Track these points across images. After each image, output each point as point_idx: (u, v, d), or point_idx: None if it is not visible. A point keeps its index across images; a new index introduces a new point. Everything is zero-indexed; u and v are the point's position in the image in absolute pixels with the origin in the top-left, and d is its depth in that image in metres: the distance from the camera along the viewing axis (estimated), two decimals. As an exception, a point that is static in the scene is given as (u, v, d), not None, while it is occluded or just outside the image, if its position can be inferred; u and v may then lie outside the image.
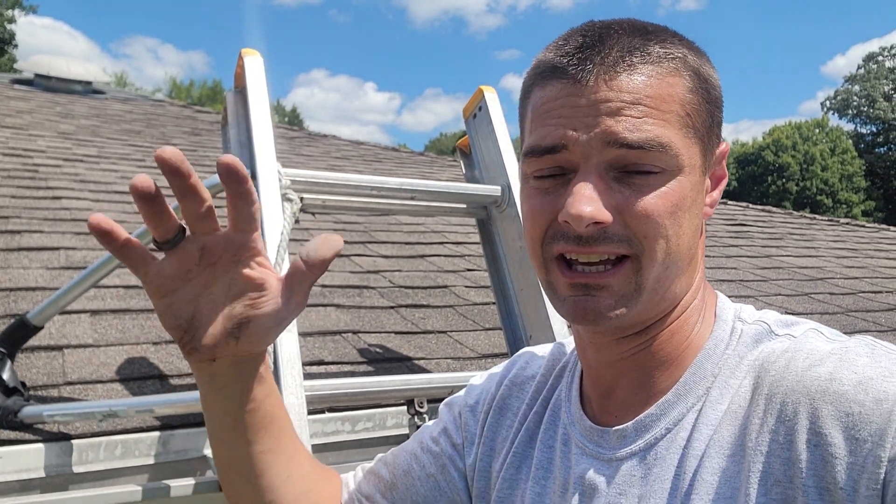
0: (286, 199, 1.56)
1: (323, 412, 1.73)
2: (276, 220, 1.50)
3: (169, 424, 1.62)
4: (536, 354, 0.95)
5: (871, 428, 0.58)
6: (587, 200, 0.67)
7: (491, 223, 1.91)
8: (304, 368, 1.45)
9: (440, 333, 2.34)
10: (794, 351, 0.68)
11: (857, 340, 0.67)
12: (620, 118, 0.67)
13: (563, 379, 0.88)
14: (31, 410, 1.52)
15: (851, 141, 37.47)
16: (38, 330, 1.70)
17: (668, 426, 0.72)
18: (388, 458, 0.97)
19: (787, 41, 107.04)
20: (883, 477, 0.57)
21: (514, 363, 0.95)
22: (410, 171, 5.58)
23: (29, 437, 1.51)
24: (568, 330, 1.63)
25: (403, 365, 2.07)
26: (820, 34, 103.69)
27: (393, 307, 2.51)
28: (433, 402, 1.59)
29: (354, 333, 2.22)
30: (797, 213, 6.59)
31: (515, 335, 1.81)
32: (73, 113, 5.95)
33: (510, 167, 1.86)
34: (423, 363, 2.10)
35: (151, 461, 1.58)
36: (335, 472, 0.98)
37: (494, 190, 1.85)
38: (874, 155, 38.49)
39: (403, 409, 1.68)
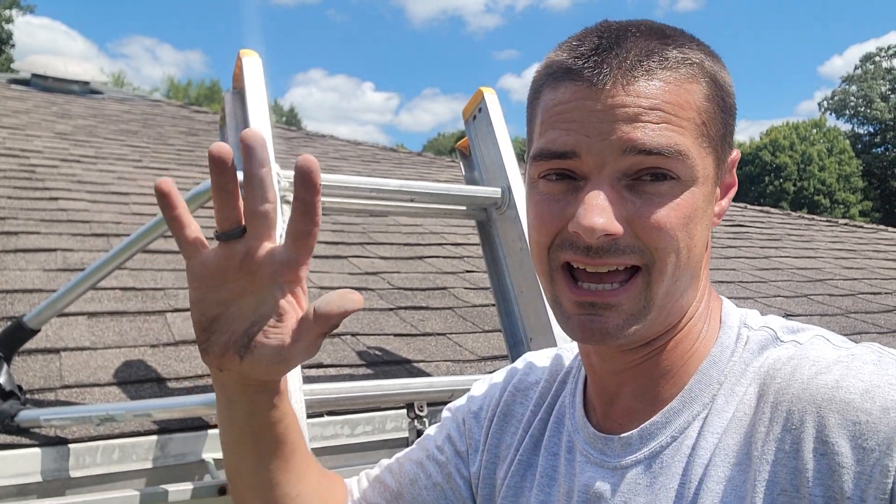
0: (285, 201, 1.55)
1: (322, 416, 1.72)
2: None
3: (167, 428, 1.60)
4: (539, 360, 0.94)
5: (878, 437, 0.57)
6: (599, 211, 0.65)
7: (491, 225, 1.90)
8: (302, 371, 1.44)
9: (439, 335, 2.33)
10: (799, 358, 0.67)
11: (863, 348, 0.66)
12: (638, 124, 0.65)
13: (566, 385, 0.87)
14: (27, 414, 1.50)
15: (849, 141, 37.54)
16: (34, 333, 1.69)
17: (673, 434, 0.71)
18: (393, 465, 0.96)
19: (784, 41, 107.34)
20: (890, 486, 0.56)
21: (516, 369, 0.95)
22: (409, 171, 5.57)
23: (26, 441, 1.50)
24: (568, 333, 1.62)
25: (403, 367, 2.06)
26: (817, 34, 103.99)
27: (392, 309, 2.50)
28: (433, 405, 1.58)
29: (353, 336, 2.21)
30: (795, 213, 6.59)
31: (515, 337, 1.80)
32: (70, 113, 5.93)
33: (510, 169, 1.85)
34: (422, 365, 2.09)
35: (149, 465, 1.57)
36: (340, 478, 0.97)
37: (494, 192, 1.84)
38: (871, 155, 38.56)
39: (403, 412, 1.67)
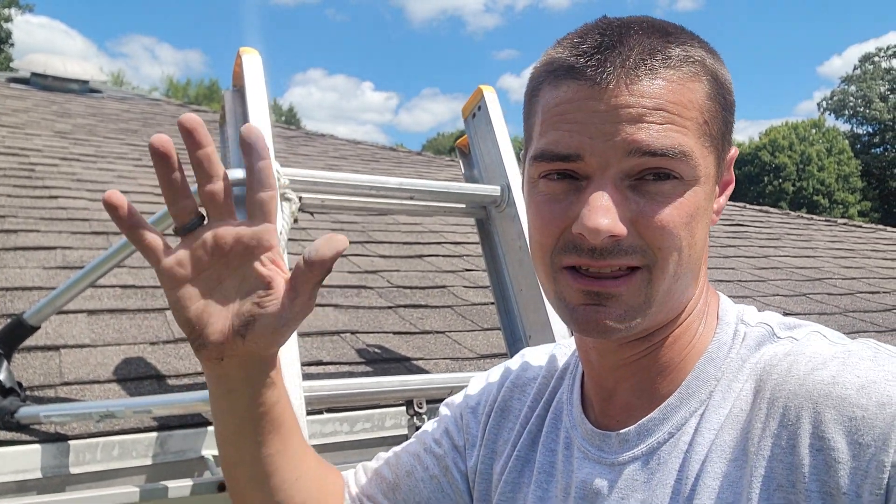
0: (285, 198, 1.55)
1: (321, 413, 1.73)
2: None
3: (167, 425, 1.61)
4: (536, 355, 0.94)
5: (874, 432, 0.58)
6: (604, 212, 0.65)
7: (490, 223, 1.90)
8: (302, 369, 1.45)
9: (439, 334, 2.34)
10: (796, 354, 0.67)
11: (859, 344, 0.67)
12: (642, 125, 0.65)
13: (564, 381, 0.87)
14: (27, 411, 1.51)
15: (848, 141, 37.56)
16: (34, 330, 1.69)
17: (670, 430, 0.72)
18: (390, 458, 0.96)
19: (783, 41, 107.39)
20: (886, 482, 0.56)
21: (514, 364, 0.95)
22: (408, 170, 5.57)
23: (26, 437, 1.50)
24: (567, 330, 1.62)
25: (402, 365, 2.06)
26: (816, 35, 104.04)
27: (391, 307, 2.51)
28: (432, 402, 1.58)
29: (353, 334, 2.21)
30: (794, 213, 6.59)
31: (514, 335, 1.80)
32: (69, 112, 5.93)
33: (510, 167, 1.85)
34: (421, 363, 2.09)
35: (149, 462, 1.57)
36: (337, 470, 0.98)
37: (494, 190, 1.85)
38: (870, 155, 38.58)
39: (402, 409, 1.68)
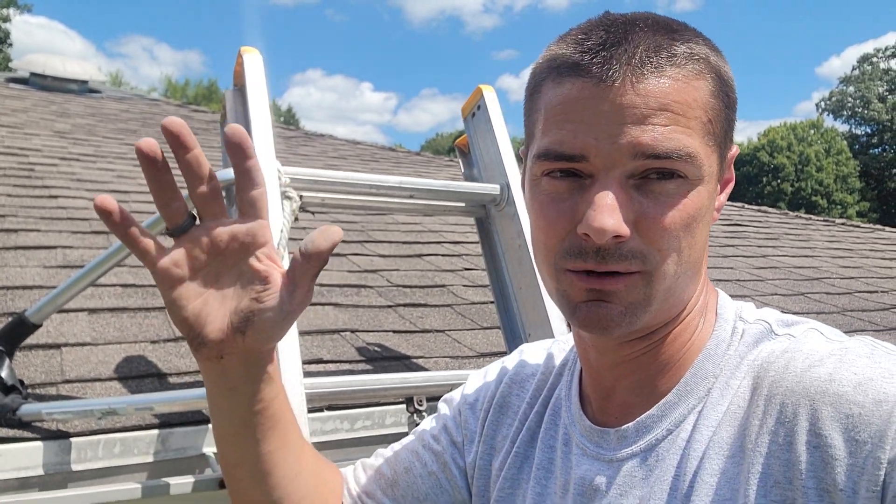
0: (286, 197, 1.56)
1: (322, 410, 1.73)
2: (275, 218, 1.50)
3: (168, 422, 1.61)
4: (535, 352, 0.94)
5: (870, 429, 0.58)
6: (609, 211, 0.65)
7: (490, 222, 1.91)
8: (302, 367, 1.45)
9: (438, 332, 2.34)
10: (793, 351, 0.68)
11: (856, 341, 0.67)
12: (647, 127, 0.64)
13: (562, 378, 0.87)
14: (29, 408, 1.51)
15: (846, 142, 37.54)
16: (36, 328, 1.70)
17: (669, 427, 0.72)
18: (388, 454, 0.97)
19: (782, 42, 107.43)
20: (883, 478, 0.56)
21: (512, 360, 0.95)
22: (407, 170, 5.57)
23: (27, 435, 1.50)
24: (566, 328, 1.63)
25: (402, 363, 2.07)
26: (815, 35, 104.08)
27: (391, 306, 2.51)
28: (432, 399, 1.59)
29: (353, 332, 2.22)
30: (793, 213, 6.60)
31: (514, 334, 1.81)
32: (68, 112, 5.93)
33: (509, 166, 1.86)
34: (421, 362, 2.10)
35: (150, 459, 1.58)
36: (336, 466, 0.98)
37: (493, 188, 1.86)
38: (869, 156, 38.58)
39: (402, 407, 1.68)
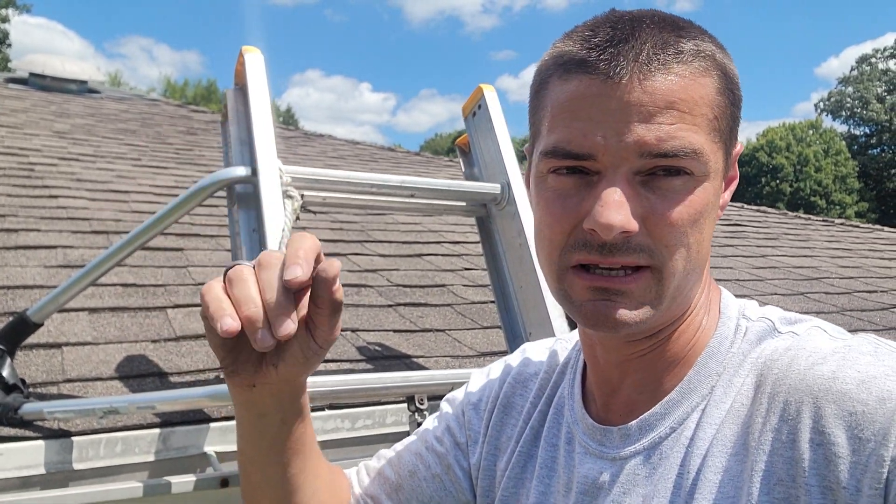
0: (287, 196, 1.56)
1: (323, 409, 1.73)
2: (277, 217, 1.50)
3: (169, 421, 1.62)
4: (537, 350, 0.94)
5: (874, 427, 0.57)
6: (616, 207, 0.65)
7: (490, 221, 1.91)
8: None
9: (438, 332, 2.34)
10: (796, 349, 0.67)
11: (860, 338, 0.67)
12: (653, 126, 0.64)
13: (565, 376, 0.87)
14: (31, 407, 1.51)
15: (845, 142, 37.54)
16: (37, 327, 1.70)
17: (672, 425, 0.72)
18: (392, 457, 0.96)
19: (781, 43, 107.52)
20: (886, 476, 0.56)
21: (515, 360, 0.95)
22: (407, 170, 5.57)
23: (29, 434, 1.51)
24: (568, 327, 1.63)
25: (402, 363, 2.07)
26: (814, 36, 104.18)
27: (391, 306, 2.51)
28: (433, 398, 1.59)
29: (353, 332, 2.22)
30: (792, 213, 6.61)
31: (515, 333, 1.81)
32: (68, 112, 5.93)
33: (510, 165, 1.86)
34: (421, 361, 2.10)
35: (152, 458, 1.58)
36: (342, 470, 0.98)
37: (494, 188, 1.86)
38: (867, 156, 38.60)
39: (403, 406, 1.68)
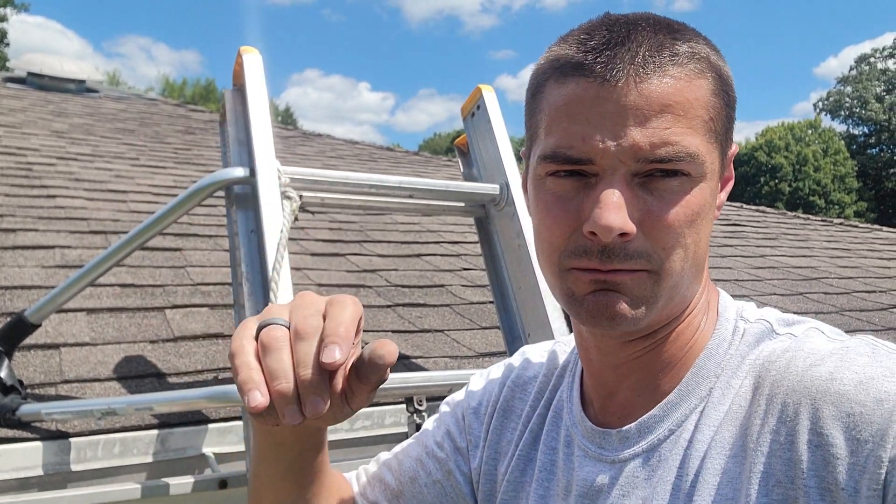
0: (286, 196, 1.55)
1: (321, 410, 1.73)
2: (275, 217, 1.50)
3: (167, 422, 1.61)
4: (536, 354, 0.94)
5: (872, 428, 0.58)
6: (615, 210, 0.65)
7: (489, 222, 1.91)
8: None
9: (437, 332, 2.34)
10: (794, 350, 0.67)
11: (857, 340, 0.67)
12: (647, 130, 0.65)
13: (564, 379, 0.87)
14: (29, 408, 1.51)
15: (844, 142, 37.54)
16: (35, 328, 1.70)
17: (671, 427, 0.72)
18: (392, 463, 0.96)
19: (780, 42, 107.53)
20: (884, 477, 0.56)
21: (515, 363, 0.94)
22: (405, 170, 5.57)
23: (27, 435, 1.50)
24: (567, 328, 1.63)
25: (401, 363, 2.07)
26: (813, 36, 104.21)
27: (390, 306, 2.51)
28: (432, 399, 1.59)
29: (352, 332, 2.21)
30: (791, 213, 6.61)
31: (513, 334, 1.81)
32: (66, 111, 5.92)
33: (509, 166, 1.86)
34: (420, 361, 2.10)
35: (150, 459, 1.58)
36: (345, 478, 0.98)
37: (493, 188, 1.85)
38: (866, 156, 38.62)
39: (401, 407, 1.68)
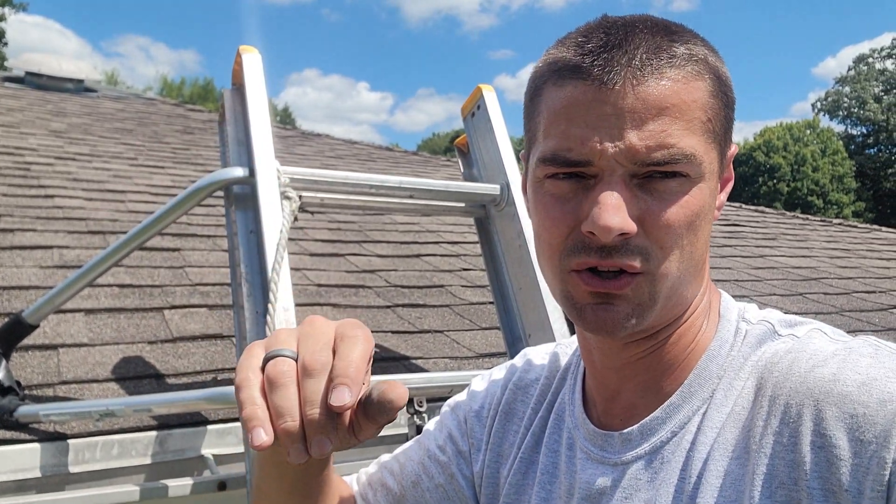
0: (285, 197, 1.55)
1: (321, 412, 1.72)
2: (275, 218, 1.49)
3: (166, 424, 1.60)
4: (538, 356, 0.93)
5: (875, 429, 0.57)
6: (614, 210, 0.65)
7: (489, 222, 1.90)
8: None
9: (437, 333, 2.34)
10: (797, 352, 0.67)
11: (860, 341, 0.67)
12: (644, 133, 0.65)
13: (566, 381, 0.87)
14: (26, 410, 1.50)
15: (842, 142, 37.56)
16: (33, 329, 1.69)
17: (673, 429, 0.72)
18: (393, 466, 0.95)
19: (778, 43, 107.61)
20: (888, 478, 0.56)
21: (516, 366, 0.94)
22: (404, 170, 5.57)
23: (25, 436, 1.50)
24: (567, 329, 1.62)
25: (401, 364, 2.06)
26: (811, 36, 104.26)
27: (389, 307, 2.51)
28: (432, 401, 1.58)
29: (351, 333, 2.21)
30: (790, 213, 6.61)
31: (514, 334, 1.80)
32: (64, 111, 5.91)
33: (509, 166, 1.85)
34: (420, 362, 2.09)
35: (149, 461, 1.57)
36: (347, 483, 0.97)
37: (493, 189, 1.85)
38: (864, 156, 38.65)
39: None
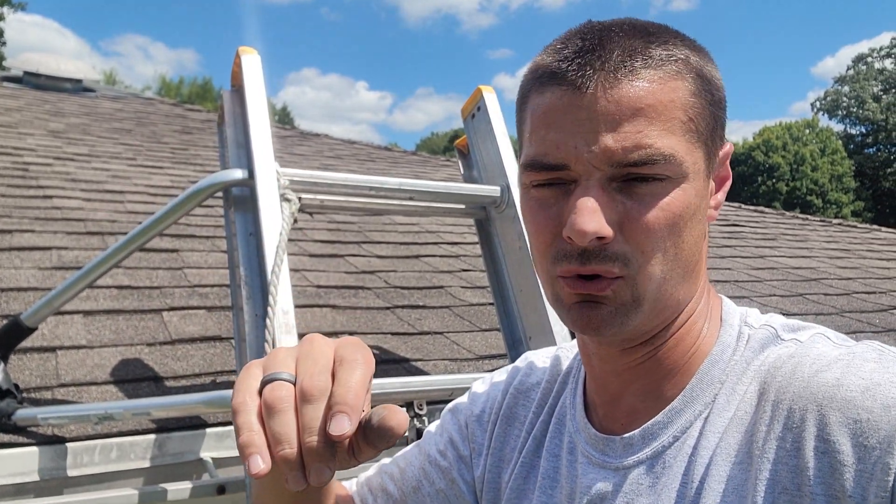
0: (285, 199, 1.54)
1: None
2: (274, 220, 1.48)
3: (165, 427, 1.60)
4: (539, 360, 0.93)
5: (879, 435, 0.57)
6: (590, 214, 0.66)
7: (490, 224, 1.90)
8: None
9: (437, 334, 2.33)
10: (800, 356, 0.67)
11: (863, 345, 0.66)
12: (619, 135, 0.65)
13: (567, 385, 0.86)
14: (25, 413, 1.50)
15: (841, 141, 37.59)
16: (32, 331, 1.68)
17: (675, 434, 0.71)
18: (394, 471, 0.95)
19: (777, 42, 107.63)
20: (891, 484, 0.56)
21: (517, 369, 0.94)
22: (404, 170, 5.56)
23: (23, 440, 1.49)
24: (567, 332, 1.62)
25: (401, 366, 2.06)
26: (810, 35, 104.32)
27: (389, 308, 2.50)
28: (432, 403, 1.57)
29: (350, 334, 2.20)
30: (789, 213, 6.60)
31: (514, 336, 1.79)
32: (63, 111, 5.90)
33: (509, 167, 1.84)
34: (419, 364, 2.09)
35: (147, 464, 1.56)
36: (346, 489, 0.96)
37: (493, 190, 1.84)
38: (863, 156, 38.67)
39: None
